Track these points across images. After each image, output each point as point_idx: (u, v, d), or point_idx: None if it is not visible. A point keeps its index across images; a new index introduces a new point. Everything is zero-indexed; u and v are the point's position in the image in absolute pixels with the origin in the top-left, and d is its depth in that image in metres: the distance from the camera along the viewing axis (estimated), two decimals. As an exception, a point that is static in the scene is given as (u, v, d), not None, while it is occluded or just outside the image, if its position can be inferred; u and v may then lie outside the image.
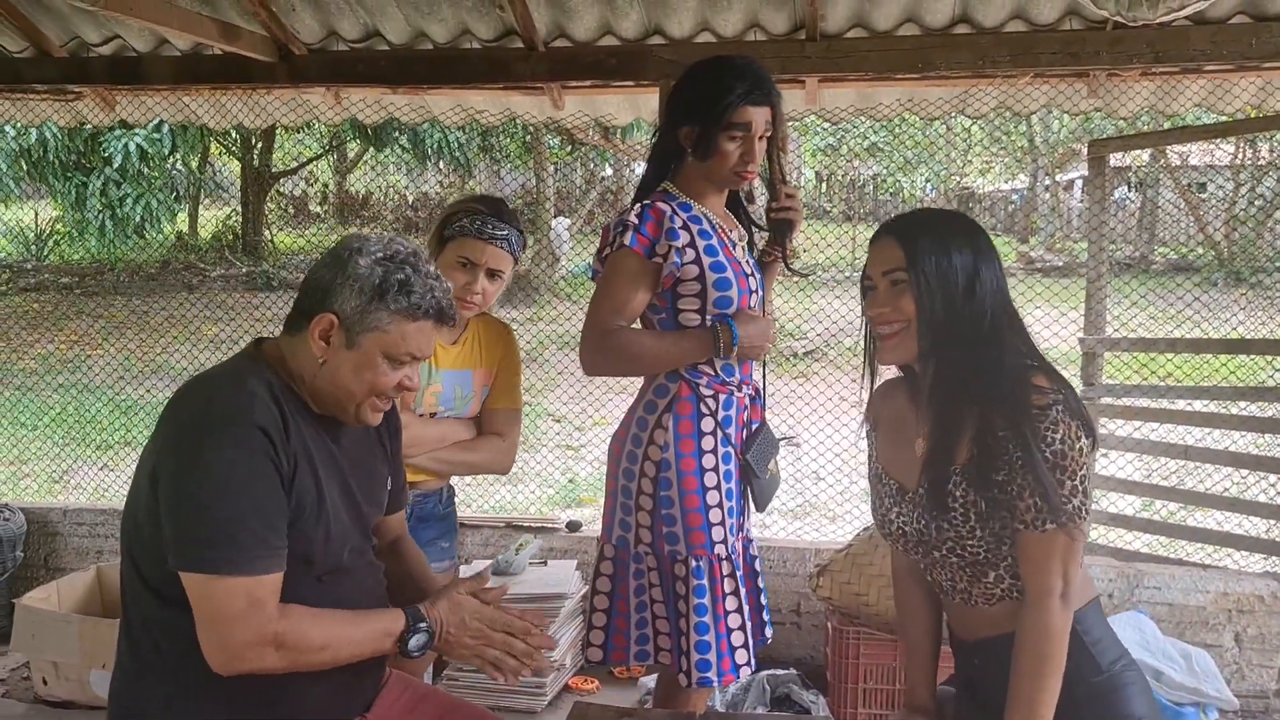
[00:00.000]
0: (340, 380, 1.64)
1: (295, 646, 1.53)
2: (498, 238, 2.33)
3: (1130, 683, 1.65)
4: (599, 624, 2.33)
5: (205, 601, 1.50)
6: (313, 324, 1.62)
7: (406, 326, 1.63)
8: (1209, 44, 3.15)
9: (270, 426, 1.55)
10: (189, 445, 1.52)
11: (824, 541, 4.00)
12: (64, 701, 3.37)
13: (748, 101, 2.18)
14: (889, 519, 1.79)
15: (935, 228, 1.71)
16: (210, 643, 1.50)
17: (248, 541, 1.50)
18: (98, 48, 3.81)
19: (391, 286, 1.61)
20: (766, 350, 2.31)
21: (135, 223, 13.11)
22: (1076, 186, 19.60)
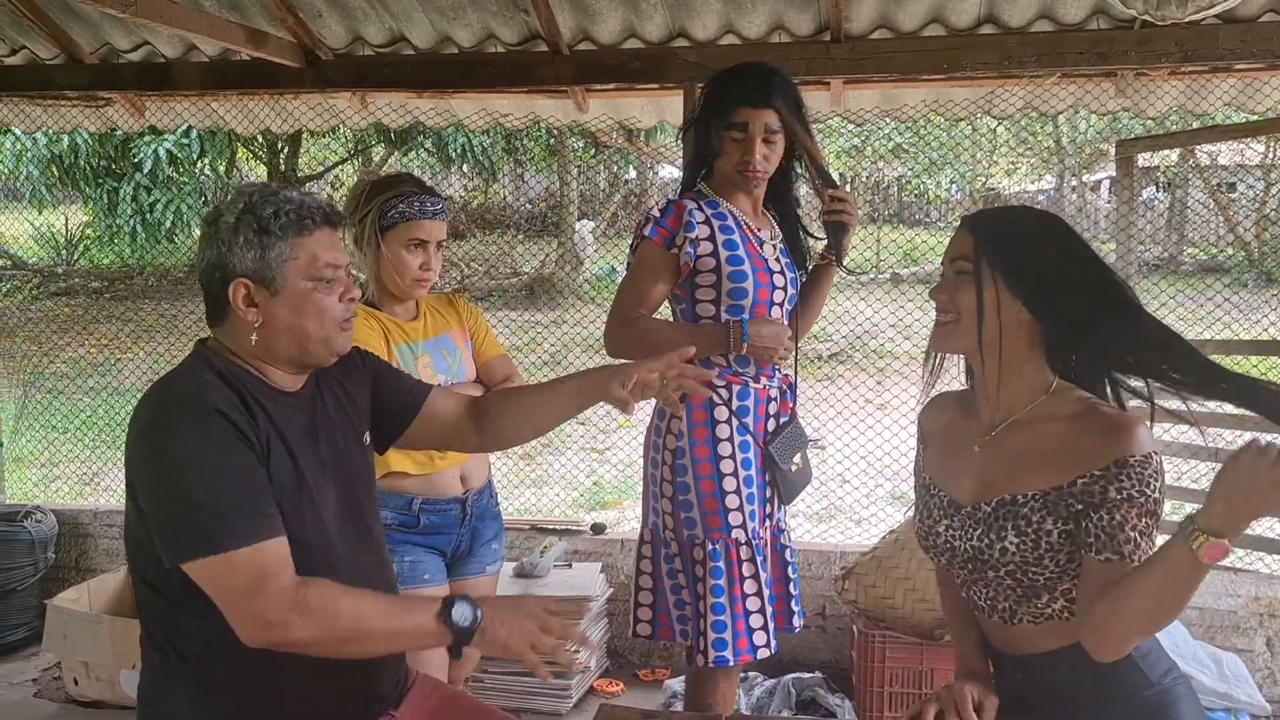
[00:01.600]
0: (286, 326, 1.61)
1: (322, 612, 1.49)
2: (437, 211, 2.39)
3: (1181, 696, 1.62)
4: (645, 602, 2.46)
5: (214, 584, 1.49)
6: (231, 300, 1.60)
7: (306, 242, 1.61)
8: (1238, 43, 3.12)
9: (228, 408, 1.53)
10: (152, 443, 1.51)
11: (849, 545, 3.98)
12: (94, 701, 3.41)
13: (744, 103, 2.29)
14: (936, 532, 1.73)
15: (1016, 226, 1.65)
16: (236, 619, 1.49)
17: (234, 514, 1.48)
18: (127, 54, 3.86)
19: (268, 220, 1.58)
20: (779, 354, 2.37)
21: (166, 228, 13.23)
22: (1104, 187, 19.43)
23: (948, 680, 3.06)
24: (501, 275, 13.50)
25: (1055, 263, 1.60)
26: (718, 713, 2.32)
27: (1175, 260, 13.72)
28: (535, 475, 6.55)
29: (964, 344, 1.66)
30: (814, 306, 2.59)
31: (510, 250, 14.31)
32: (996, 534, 1.62)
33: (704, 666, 2.34)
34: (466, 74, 3.63)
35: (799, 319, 2.52)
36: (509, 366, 2.56)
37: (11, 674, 3.70)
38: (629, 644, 3.77)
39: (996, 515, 1.62)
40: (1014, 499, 1.61)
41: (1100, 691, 1.62)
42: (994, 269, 1.61)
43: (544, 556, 3.60)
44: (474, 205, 17.92)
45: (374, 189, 2.39)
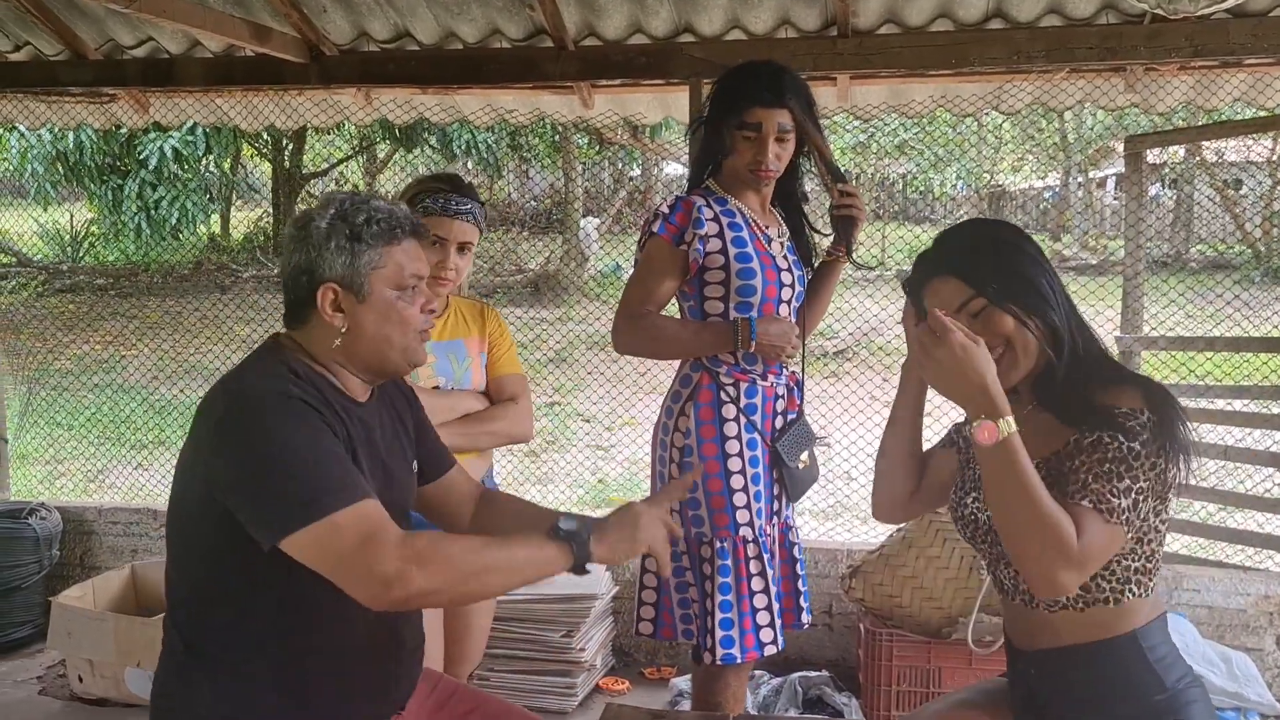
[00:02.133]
0: (372, 334, 1.64)
1: (437, 559, 1.47)
2: (462, 212, 2.37)
3: (1194, 700, 1.61)
4: (649, 600, 2.46)
5: (322, 551, 1.46)
6: (319, 303, 1.61)
7: (395, 251, 1.63)
8: (1249, 37, 3.09)
9: (312, 400, 1.55)
10: (242, 429, 1.51)
11: (856, 543, 3.96)
12: (99, 699, 3.41)
13: (757, 103, 2.28)
14: (964, 503, 1.75)
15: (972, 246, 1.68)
16: (353, 582, 1.46)
17: (330, 480, 1.48)
18: (132, 50, 3.85)
19: (361, 226, 1.61)
20: (787, 353, 2.36)
21: (170, 224, 13.25)
22: (1110, 184, 19.39)
23: (956, 679, 3.08)
24: (506, 272, 13.50)
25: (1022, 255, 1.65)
26: (726, 712, 2.31)
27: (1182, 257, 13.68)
28: (540, 472, 6.54)
29: (1027, 363, 1.64)
30: (821, 303, 2.58)
31: (515, 247, 14.31)
32: None
33: (712, 665, 2.33)
34: (471, 70, 3.62)
35: (806, 316, 2.52)
36: (519, 386, 2.53)
37: (16, 671, 3.70)
38: (634, 642, 3.76)
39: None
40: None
41: (1113, 691, 1.61)
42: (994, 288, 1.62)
43: (549, 554, 3.58)
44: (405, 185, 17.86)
45: (416, 183, 2.42)
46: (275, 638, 1.56)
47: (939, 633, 3.08)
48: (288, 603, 1.56)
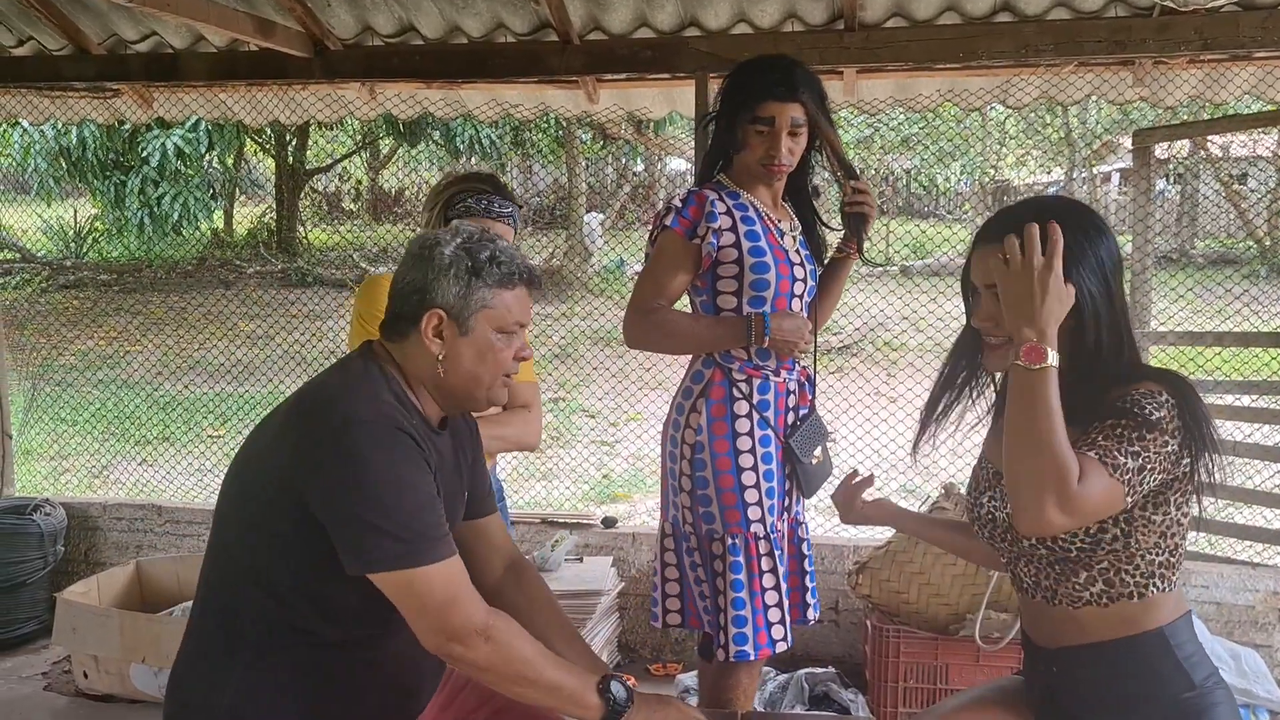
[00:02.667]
0: (466, 369, 1.67)
1: (504, 648, 1.56)
2: (504, 214, 2.38)
3: (1220, 701, 1.60)
4: (674, 592, 2.46)
5: (412, 595, 1.53)
6: (424, 324, 1.64)
7: (507, 296, 1.68)
8: (1259, 30, 3.08)
9: (413, 433, 1.59)
10: (347, 454, 1.52)
11: (863, 539, 3.94)
12: (104, 695, 3.40)
13: (770, 97, 2.27)
14: (980, 503, 1.73)
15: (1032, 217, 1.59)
16: (426, 628, 1.54)
17: (432, 531, 1.55)
18: (135, 45, 3.84)
19: (483, 264, 1.65)
20: (800, 348, 2.36)
21: (173, 220, 13.25)
22: (1114, 179, 19.34)
23: (963, 676, 3.07)
24: (510, 268, 13.46)
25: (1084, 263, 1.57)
26: (734, 709, 2.30)
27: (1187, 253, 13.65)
28: (545, 469, 6.53)
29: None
30: (832, 298, 2.58)
31: (518, 242, 14.28)
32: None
33: (726, 661, 2.33)
34: (476, 64, 3.60)
35: (817, 311, 2.50)
36: (531, 395, 2.53)
37: (21, 667, 3.70)
38: (640, 638, 3.75)
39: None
40: None
41: (1140, 689, 1.59)
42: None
43: (555, 550, 3.58)
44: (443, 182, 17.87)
45: (453, 181, 2.42)
46: (301, 637, 1.59)
47: (946, 629, 3.07)
48: (334, 612, 1.60)
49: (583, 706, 1.61)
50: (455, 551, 1.58)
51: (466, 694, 1.87)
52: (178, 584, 3.69)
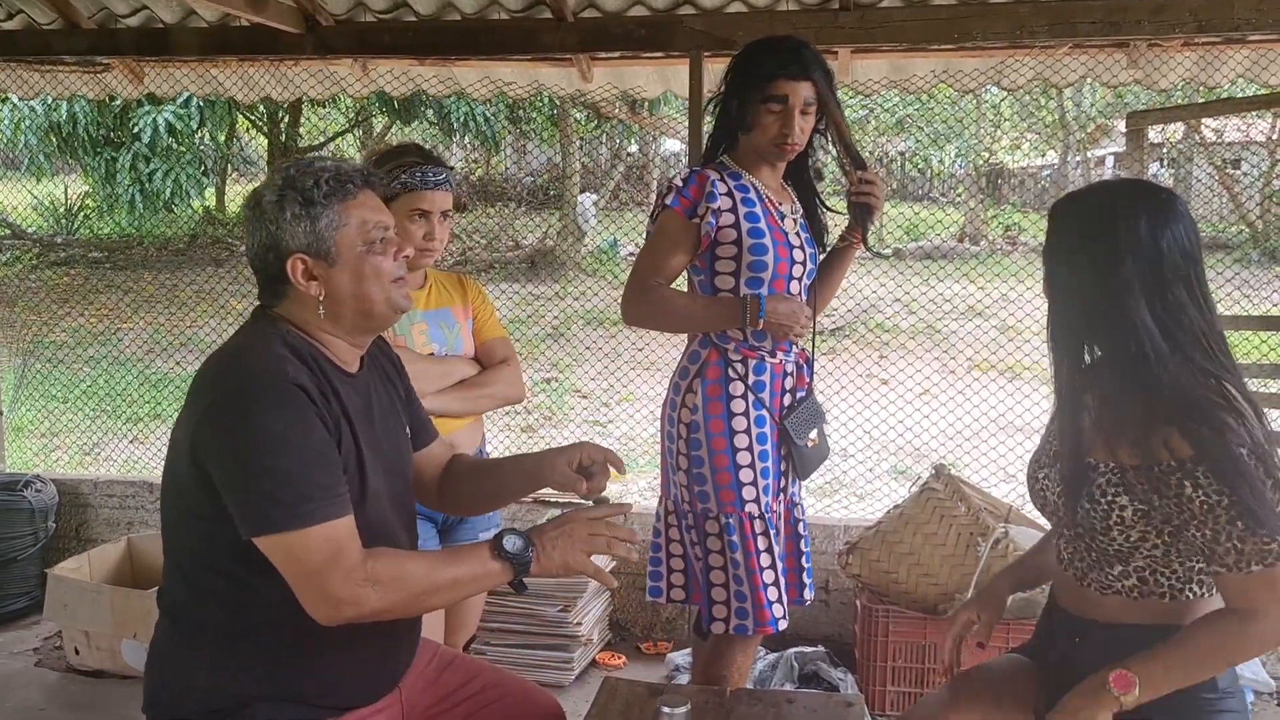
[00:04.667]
0: (351, 293, 1.63)
1: (393, 580, 1.52)
2: (440, 181, 2.37)
3: (1236, 709, 1.60)
4: (678, 568, 2.48)
5: (289, 560, 1.50)
6: (291, 276, 1.60)
7: (352, 206, 1.62)
8: (1254, 12, 3.08)
9: (309, 386, 1.55)
10: (236, 415, 1.51)
11: (853, 519, 3.97)
12: (95, 670, 3.41)
13: (783, 75, 2.27)
14: (1036, 477, 1.74)
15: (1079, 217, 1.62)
16: (309, 597, 1.50)
17: (316, 493, 1.50)
18: (125, 19, 3.80)
19: (312, 191, 1.59)
20: (796, 332, 2.36)
21: (165, 197, 13.18)
22: (1108, 163, 19.33)
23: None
24: (503, 248, 13.45)
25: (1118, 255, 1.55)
26: (728, 685, 2.32)
27: (1180, 237, 13.63)
28: (536, 449, 6.54)
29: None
30: (832, 284, 2.58)
31: (511, 223, 14.26)
32: (1073, 495, 1.61)
33: (724, 634, 2.36)
34: (470, 41, 3.58)
35: (816, 296, 2.51)
36: (507, 349, 2.57)
37: (12, 643, 3.70)
38: (631, 616, 3.77)
39: (1075, 477, 1.61)
40: (1095, 465, 1.59)
41: None
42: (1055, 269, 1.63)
43: (546, 529, 3.58)
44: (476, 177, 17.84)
45: (380, 159, 2.40)
46: (271, 611, 1.56)
47: (935, 609, 3.09)
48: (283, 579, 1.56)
49: (490, 577, 1.60)
50: (344, 512, 1.53)
51: (451, 671, 1.87)
52: (169, 561, 3.69)
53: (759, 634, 2.37)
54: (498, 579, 1.60)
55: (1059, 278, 1.64)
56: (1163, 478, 1.50)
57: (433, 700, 1.82)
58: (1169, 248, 1.54)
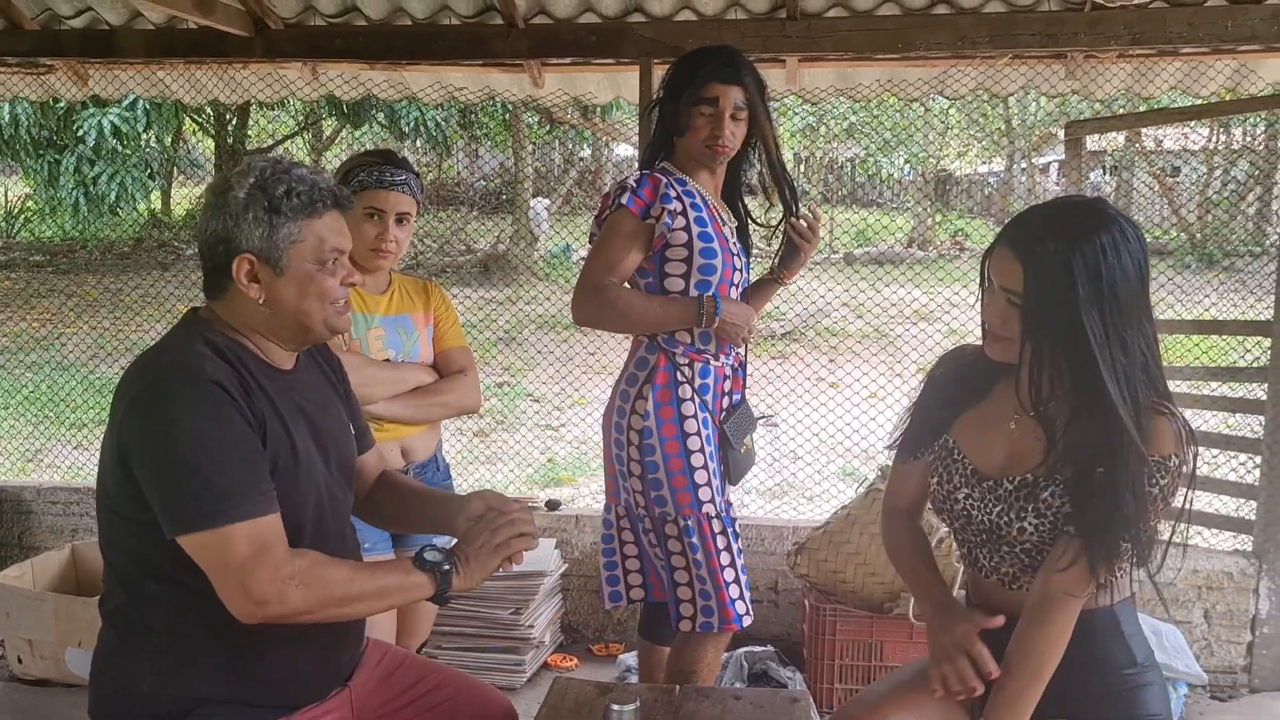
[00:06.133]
0: (291, 307, 1.62)
1: (316, 583, 1.52)
2: (397, 183, 2.38)
3: (1155, 682, 1.68)
4: (634, 568, 2.51)
5: (212, 557, 1.49)
6: (235, 273, 1.59)
7: (316, 226, 1.61)
8: (1185, 26, 3.17)
9: (226, 382, 1.54)
10: (152, 414, 1.50)
11: (802, 520, 4.01)
12: (39, 679, 3.36)
13: (715, 78, 2.32)
14: (955, 498, 1.73)
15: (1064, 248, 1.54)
16: (231, 594, 1.49)
17: (236, 488, 1.49)
18: (69, 20, 3.75)
19: (280, 198, 1.58)
20: (745, 336, 2.40)
21: (110, 201, 12.96)
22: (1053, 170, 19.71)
23: (898, 653, 3.13)
24: (455, 252, 13.40)
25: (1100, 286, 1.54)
26: (698, 682, 2.37)
27: (1121, 242, 13.91)
28: (489, 452, 6.52)
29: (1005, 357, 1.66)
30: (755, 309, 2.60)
31: (464, 227, 14.21)
32: (1016, 513, 1.64)
33: (691, 631, 2.39)
34: (421, 46, 3.58)
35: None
36: (466, 359, 2.57)
37: (-47, 653, 3.63)
38: (583, 619, 3.78)
39: (1018, 494, 1.64)
40: (1035, 480, 1.63)
41: (1089, 663, 1.65)
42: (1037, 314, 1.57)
43: (498, 532, 3.59)
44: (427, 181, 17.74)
45: (351, 159, 2.43)
46: (212, 612, 1.54)
47: (881, 607, 3.14)
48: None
49: (415, 589, 1.61)
50: (268, 510, 1.52)
51: (403, 670, 1.88)
52: (115, 568, 3.64)
53: (725, 630, 2.40)
54: (421, 591, 1.61)
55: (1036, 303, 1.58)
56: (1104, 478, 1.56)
57: (384, 699, 1.82)
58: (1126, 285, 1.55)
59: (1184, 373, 3.87)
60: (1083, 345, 1.53)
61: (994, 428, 1.72)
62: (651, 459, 2.35)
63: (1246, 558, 3.42)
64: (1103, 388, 1.52)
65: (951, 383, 1.80)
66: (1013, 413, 1.69)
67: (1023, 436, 1.67)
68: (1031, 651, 1.60)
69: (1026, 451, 1.65)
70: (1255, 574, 3.38)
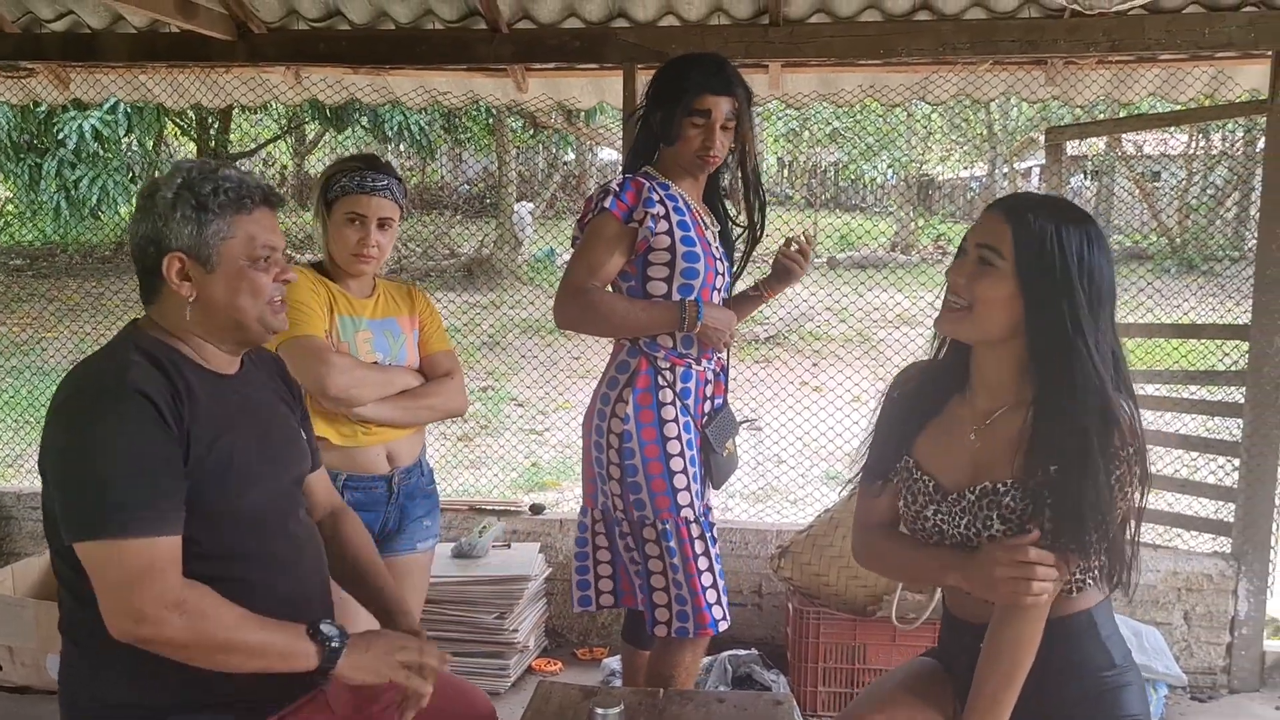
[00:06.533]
0: (222, 305, 1.62)
1: (198, 616, 1.48)
2: (379, 188, 2.39)
3: (1134, 682, 1.68)
4: (606, 574, 2.51)
5: (99, 568, 1.47)
6: (165, 273, 1.59)
7: (244, 221, 1.61)
8: (1163, 33, 3.20)
9: (152, 391, 1.52)
10: (66, 422, 1.50)
11: (785, 523, 4.03)
12: (20, 686, 3.34)
13: (708, 90, 2.33)
14: (924, 516, 1.73)
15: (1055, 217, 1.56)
16: (109, 607, 1.47)
17: (135, 504, 1.47)
18: (51, 24, 3.74)
19: (207, 197, 1.58)
20: (726, 341, 2.42)
21: (91, 204, 12.87)
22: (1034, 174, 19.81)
23: (880, 656, 3.15)
24: (439, 256, 13.38)
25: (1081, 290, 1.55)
26: (676, 686, 2.37)
27: (1102, 247, 14.00)
28: (473, 456, 6.52)
29: (975, 334, 1.64)
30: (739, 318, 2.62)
31: (448, 231, 14.19)
32: (982, 523, 1.64)
33: (667, 637, 2.40)
34: (404, 50, 3.59)
35: None
36: (452, 362, 2.57)
37: (-69, 660, 3.60)
38: (567, 623, 3.79)
39: (980, 503, 1.64)
40: (995, 487, 1.63)
41: (1067, 667, 1.66)
42: (1024, 275, 1.56)
43: (482, 537, 3.59)
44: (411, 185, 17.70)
45: (333, 165, 2.44)
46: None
47: (864, 610, 3.15)
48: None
49: (297, 657, 1.56)
50: (167, 530, 1.49)
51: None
52: (96, 574, 3.62)
53: (701, 636, 2.40)
54: (304, 661, 1.56)
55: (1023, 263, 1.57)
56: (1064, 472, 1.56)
57: (363, 699, 1.81)
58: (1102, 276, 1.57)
59: (1163, 376, 3.91)
60: (1071, 312, 1.53)
61: (953, 442, 1.72)
62: (631, 462, 2.35)
63: (1225, 560, 3.45)
64: (1079, 361, 1.53)
65: (906, 401, 1.80)
66: (971, 424, 1.70)
67: (985, 447, 1.66)
68: (1004, 652, 1.60)
69: (990, 461, 1.65)
70: (1234, 576, 3.41)
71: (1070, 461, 1.54)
